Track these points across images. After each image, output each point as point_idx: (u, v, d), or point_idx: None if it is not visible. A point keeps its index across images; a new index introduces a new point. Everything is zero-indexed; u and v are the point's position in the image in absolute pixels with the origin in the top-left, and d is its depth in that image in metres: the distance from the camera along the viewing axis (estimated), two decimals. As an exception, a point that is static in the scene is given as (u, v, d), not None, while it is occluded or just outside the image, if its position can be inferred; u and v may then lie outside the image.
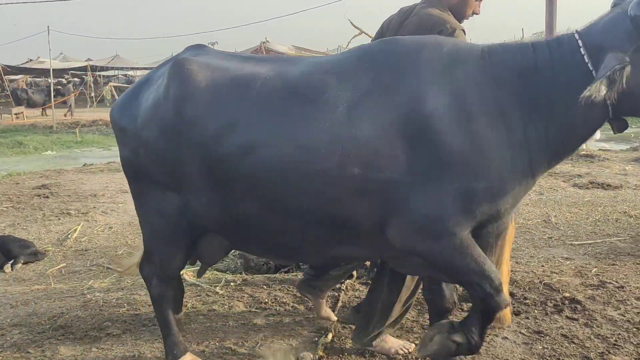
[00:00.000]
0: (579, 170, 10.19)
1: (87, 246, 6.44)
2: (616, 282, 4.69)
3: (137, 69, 40.85)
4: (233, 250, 5.94)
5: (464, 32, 3.49)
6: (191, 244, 3.19)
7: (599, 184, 8.85)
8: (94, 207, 8.00)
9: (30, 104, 29.71)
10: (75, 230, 6.95)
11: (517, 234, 6.52)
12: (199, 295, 4.65)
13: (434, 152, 2.56)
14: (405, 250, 2.78)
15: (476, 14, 3.80)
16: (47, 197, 8.82)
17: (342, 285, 4.75)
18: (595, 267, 5.16)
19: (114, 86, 24.91)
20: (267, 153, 2.69)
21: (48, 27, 24.89)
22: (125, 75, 43.21)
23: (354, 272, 4.99)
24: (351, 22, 9.21)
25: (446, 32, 3.33)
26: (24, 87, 37.52)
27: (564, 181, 9.29)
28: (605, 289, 4.53)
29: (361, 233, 2.77)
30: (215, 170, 2.81)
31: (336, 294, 4.58)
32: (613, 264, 5.24)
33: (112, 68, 40.95)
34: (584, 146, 13.57)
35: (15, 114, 27.59)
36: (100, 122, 25.89)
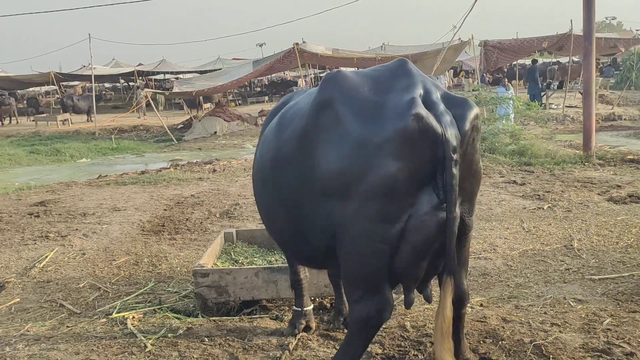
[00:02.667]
0: (620, 179, 8.97)
1: (51, 277, 5.95)
2: (628, 343, 3.72)
3: (185, 72, 41.23)
4: (191, 289, 5.32)
5: None
6: None
7: (639, 198, 7.61)
8: (76, 229, 7.53)
9: (76, 110, 30.27)
10: (46, 257, 6.50)
11: (531, 263, 5.60)
12: (123, 353, 3.99)
13: None
14: None
15: None
16: (38, 216, 8.45)
17: (292, 340, 4.01)
18: (611, 315, 4.20)
19: (149, 92, 24.73)
20: None
21: (89, 34, 25.26)
22: (177, 78, 43.71)
23: (312, 324, 4.25)
24: None
25: None
26: (80, 93, 38.37)
27: (599, 194, 8.09)
28: (609, 357, 3.57)
29: None
30: None
31: (278, 354, 3.83)
32: (634, 311, 4.27)
33: (159, 72, 41.37)
34: (629, 148, 12.18)
35: (61, 120, 28.12)
36: (140, 127, 25.97)
